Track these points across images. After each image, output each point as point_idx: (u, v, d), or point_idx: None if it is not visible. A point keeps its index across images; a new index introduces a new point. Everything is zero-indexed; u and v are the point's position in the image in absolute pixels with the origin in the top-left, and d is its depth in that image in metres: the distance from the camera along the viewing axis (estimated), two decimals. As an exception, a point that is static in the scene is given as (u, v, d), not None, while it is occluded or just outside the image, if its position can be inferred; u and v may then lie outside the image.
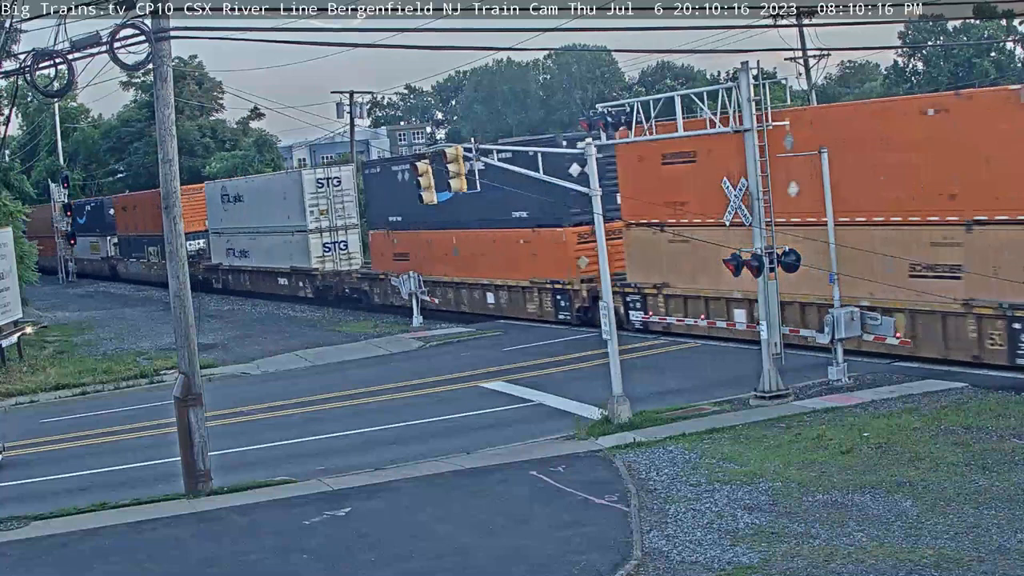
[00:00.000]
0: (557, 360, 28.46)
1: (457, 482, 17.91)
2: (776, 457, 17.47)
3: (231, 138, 77.93)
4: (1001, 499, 14.57)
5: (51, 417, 27.20)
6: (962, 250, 22.09)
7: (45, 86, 19.30)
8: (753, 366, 22.19)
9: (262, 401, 26.77)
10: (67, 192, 67.75)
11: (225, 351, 35.75)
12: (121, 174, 79.43)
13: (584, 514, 15.66)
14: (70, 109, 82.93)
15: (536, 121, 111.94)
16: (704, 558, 13.54)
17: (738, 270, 21.76)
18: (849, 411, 20.00)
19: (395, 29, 24.20)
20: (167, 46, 18.26)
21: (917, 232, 22.89)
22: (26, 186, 55.34)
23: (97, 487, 19.69)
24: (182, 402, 18.68)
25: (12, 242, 37.27)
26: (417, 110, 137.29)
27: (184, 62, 75.38)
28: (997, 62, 75.50)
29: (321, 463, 20.11)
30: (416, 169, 23.40)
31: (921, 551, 13.02)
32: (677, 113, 22.75)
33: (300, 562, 14.68)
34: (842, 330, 22.20)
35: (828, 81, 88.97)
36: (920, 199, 22.83)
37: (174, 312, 19.06)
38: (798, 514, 14.75)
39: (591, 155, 21.34)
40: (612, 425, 20.42)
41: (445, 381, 27.23)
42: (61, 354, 37.00)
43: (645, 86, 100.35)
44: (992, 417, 18.58)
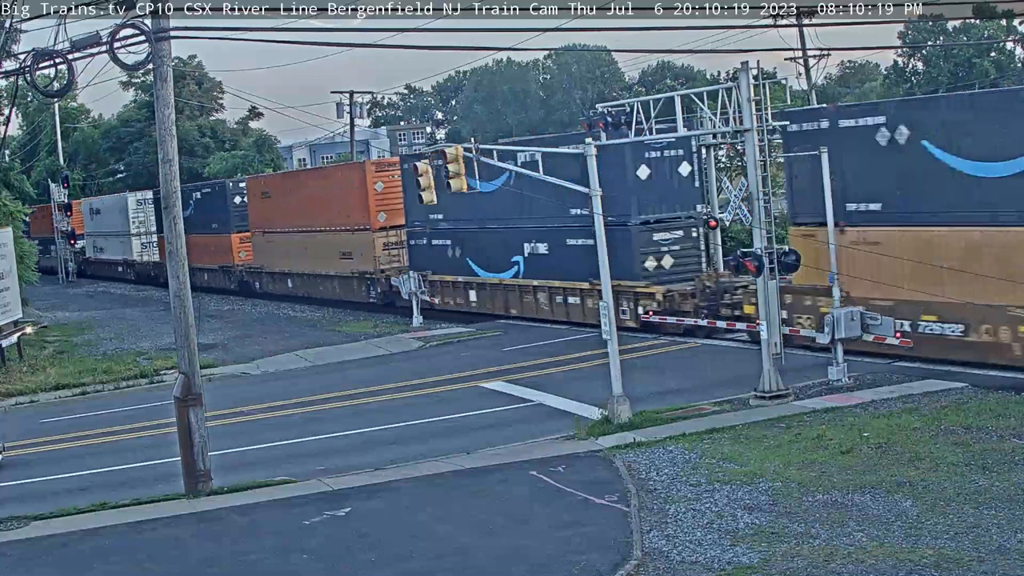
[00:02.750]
0: (557, 360, 28.46)
1: (457, 482, 17.91)
2: (776, 457, 17.47)
3: (231, 138, 78.00)
4: (1001, 499, 14.57)
5: (51, 417, 27.19)
6: (354, 242, 42.11)
7: (45, 86, 19.29)
8: (753, 366, 22.19)
9: (262, 401, 26.76)
10: (67, 192, 67.79)
11: (225, 351, 35.74)
12: (121, 174, 79.44)
13: (584, 514, 15.66)
14: (70, 109, 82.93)
15: (536, 121, 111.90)
16: (704, 558, 13.54)
17: (738, 270, 21.90)
18: (849, 411, 20.00)
19: (395, 29, 24.23)
20: (167, 46, 18.26)
21: (325, 235, 43.88)
22: (26, 186, 55.36)
23: (97, 487, 19.68)
24: (182, 402, 18.68)
25: (12, 242, 37.27)
26: (417, 110, 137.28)
27: (184, 62, 75.39)
28: (997, 62, 75.48)
29: (321, 463, 20.10)
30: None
31: (921, 551, 13.03)
32: (677, 113, 22.79)
33: (300, 562, 14.68)
34: (842, 330, 22.20)
35: (828, 81, 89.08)
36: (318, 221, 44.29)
37: (174, 312, 19.06)
38: (798, 514, 14.75)
39: (591, 155, 21.33)
40: (612, 425, 20.42)
41: (445, 381, 27.22)
42: (61, 354, 36.99)
43: (645, 86, 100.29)
44: (992, 417, 18.60)
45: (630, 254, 29.86)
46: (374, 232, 40.69)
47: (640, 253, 30.21)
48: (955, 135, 22.26)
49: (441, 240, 37.74)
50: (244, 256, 50.87)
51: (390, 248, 40.45)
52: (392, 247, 40.40)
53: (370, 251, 40.99)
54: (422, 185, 22.88)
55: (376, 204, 40.45)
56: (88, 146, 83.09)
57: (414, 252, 39.05)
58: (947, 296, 22.08)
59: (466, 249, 36.59)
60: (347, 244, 42.47)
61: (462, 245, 36.80)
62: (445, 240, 37.54)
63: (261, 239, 49.46)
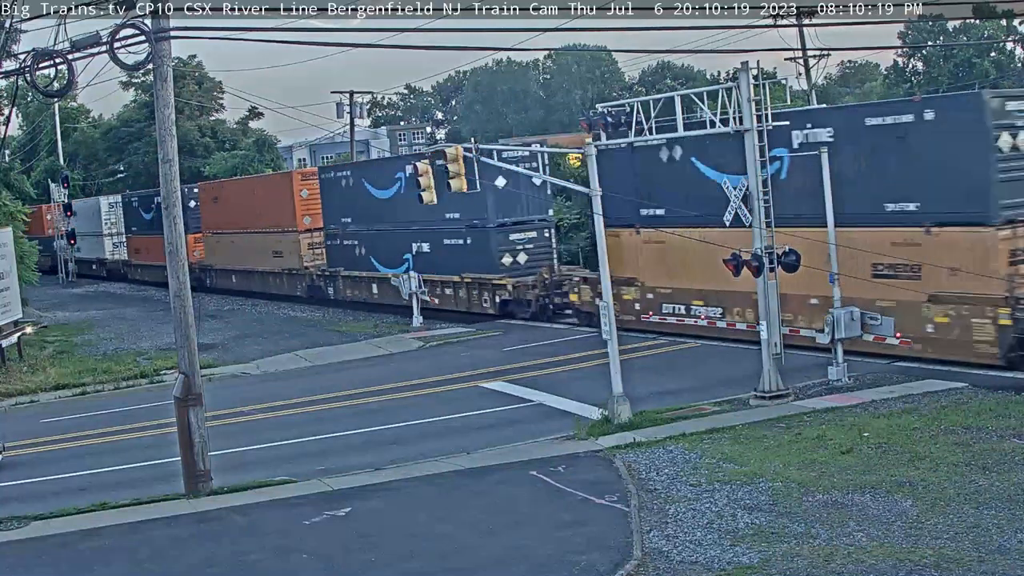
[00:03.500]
0: (557, 360, 28.47)
1: (457, 482, 17.91)
2: (776, 457, 17.47)
3: (231, 138, 77.99)
4: (1001, 499, 14.58)
5: (51, 417, 27.19)
6: (283, 242, 46.60)
7: (45, 86, 19.28)
8: (753, 366, 22.20)
9: (262, 401, 26.76)
10: (67, 192, 67.78)
11: (225, 351, 35.74)
12: (121, 174, 79.43)
13: (584, 514, 15.66)
14: (70, 109, 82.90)
15: (536, 121, 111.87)
16: (704, 558, 13.54)
17: (738, 270, 21.89)
18: (849, 411, 20.01)
19: (395, 29, 24.15)
20: (167, 46, 18.26)
21: (261, 236, 48.20)
22: (26, 186, 55.41)
23: (97, 487, 19.68)
24: (182, 402, 18.68)
25: (12, 242, 37.27)
26: (417, 110, 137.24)
27: (184, 62, 75.32)
28: (997, 62, 75.44)
29: (321, 463, 20.11)
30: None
31: (921, 551, 13.03)
32: (677, 113, 22.79)
33: (300, 562, 14.68)
34: (842, 330, 22.21)
35: (828, 81, 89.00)
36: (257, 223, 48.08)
37: (174, 312, 19.06)
38: (798, 514, 14.75)
39: (591, 155, 21.34)
40: (612, 425, 20.42)
41: (445, 381, 27.23)
42: (61, 354, 36.98)
43: (645, 86, 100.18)
44: (992, 417, 18.60)
45: (489, 251, 35.57)
46: (300, 233, 45.82)
47: (498, 250, 35.53)
48: (712, 153, 26.37)
49: (350, 241, 42.91)
50: (198, 255, 54.43)
51: (314, 248, 45.51)
52: (316, 247, 45.45)
53: (296, 250, 46.12)
54: (422, 185, 22.99)
55: (301, 209, 45.60)
56: (88, 146, 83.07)
57: (330, 252, 44.45)
58: (710, 286, 27.47)
59: (369, 248, 41.61)
60: (278, 244, 47.76)
61: (366, 245, 41.83)
62: (353, 241, 42.68)
63: (212, 239, 54.18)
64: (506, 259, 35.46)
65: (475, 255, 36.14)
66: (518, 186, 33.08)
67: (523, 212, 35.84)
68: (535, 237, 36.08)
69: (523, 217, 35.89)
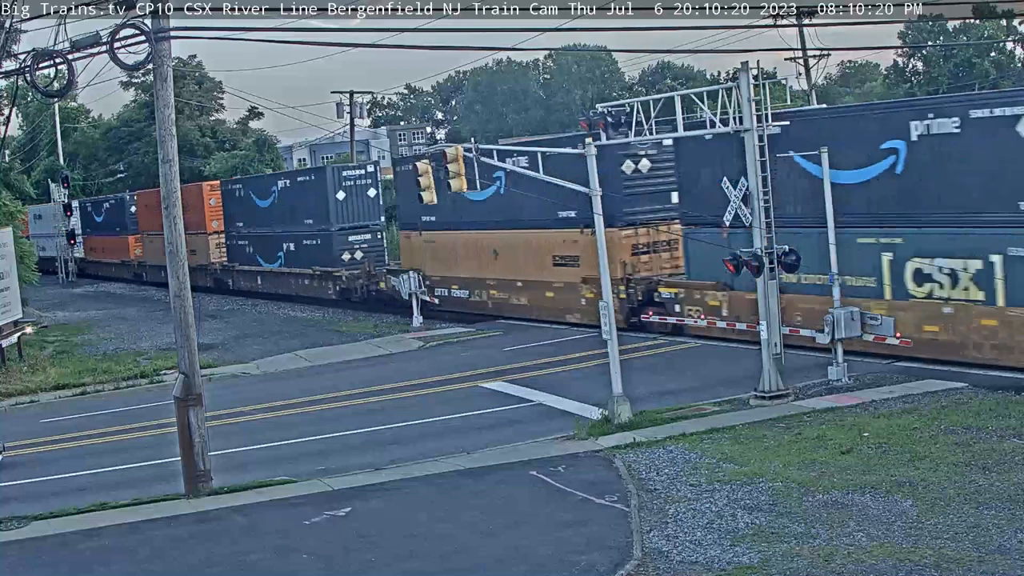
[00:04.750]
0: (557, 360, 28.46)
1: (457, 482, 17.91)
2: (776, 457, 17.47)
3: (231, 138, 78.01)
4: (1001, 499, 14.57)
5: (51, 417, 27.19)
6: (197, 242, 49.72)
7: (45, 86, 19.28)
8: (753, 366, 22.19)
9: (262, 401, 26.76)
10: (67, 192, 67.80)
11: (225, 351, 35.75)
12: (121, 174, 79.46)
13: (584, 514, 15.66)
14: (70, 109, 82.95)
15: (536, 121, 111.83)
16: (704, 558, 13.53)
17: (738, 270, 21.89)
18: (849, 411, 20.00)
19: (395, 29, 24.16)
20: (167, 46, 18.25)
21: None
22: (26, 186, 55.49)
23: (97, 487, 19.68)
24: (182, 402, 18.68)
25: (12, 242, 37.27)
26: (417, 110, 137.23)
27: (184, 62, 75.38)
28: (997, 62, 75.47)
29: (321, 463, 20.10)
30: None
31: (921, 551, 13.03)
32: (677, 113, 22.77)
33: (300, 562, 14.68)
34: (842, 330, 22.21)
35: (828, 81, 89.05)
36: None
37: (174, 312, 19.06)
38: (798, 514, 14.75)
39: (591, 155, 21.33)
40: (612, 425, 20.41)
41: (445, 381, 27.23)
42: (61, 354, 36.99)
43: (645, 86, 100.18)
44: (992, 417, 18.59)
45: (331, 249, 44.22)
46: (208, 235, 54.56)
47: (339, 249, 44.14)
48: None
49: (242, 241, 52.18)
50: (139, 253, 63.80)
51: (220, 247, 54.43)
52: (221, 246, 54.35)
53: (206, 248, 54.50)
54: (422, 185, 23.03)
55: (210, 214, 54.32)
56: (88, 146, 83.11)
57: (230, 250, 53.73)
58: (461, 273, 37.06)
59: (254, 247, 50.88)
60: (192, 243, 55.17)
61: (253, 245, 51.00)
62: (244, 240, 51.97)
63: (147, 239, 61.55)
64: (345, 256, 43.99)
65: (323, 252, 44.81)
66: (357, 197, 43.81)
67: (360, 219, 44.65)
68: (369, 239, 44.78)
69: (359, 223, 44.61)
